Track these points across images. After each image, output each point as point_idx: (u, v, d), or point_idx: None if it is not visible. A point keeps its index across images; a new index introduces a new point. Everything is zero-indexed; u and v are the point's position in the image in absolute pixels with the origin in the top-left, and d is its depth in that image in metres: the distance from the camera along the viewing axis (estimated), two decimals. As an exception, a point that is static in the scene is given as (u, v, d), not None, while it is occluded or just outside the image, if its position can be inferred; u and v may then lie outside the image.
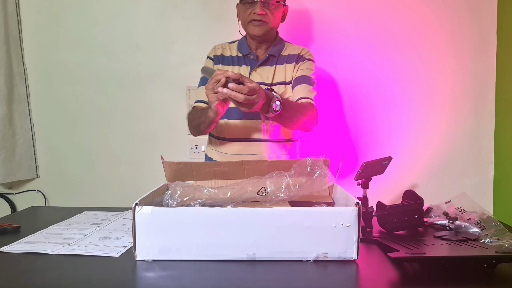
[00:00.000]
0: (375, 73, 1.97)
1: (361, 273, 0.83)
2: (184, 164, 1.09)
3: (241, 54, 1.51)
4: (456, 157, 1.98)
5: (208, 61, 1.55)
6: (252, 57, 1.50)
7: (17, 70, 2.04)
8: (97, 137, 2.08)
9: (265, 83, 1.47)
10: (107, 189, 2.09)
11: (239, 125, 1.48)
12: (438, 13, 1.94)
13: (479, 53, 1.95)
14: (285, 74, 1.49)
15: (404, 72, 1.97)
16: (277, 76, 1.49)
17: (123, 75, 2.05)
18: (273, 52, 1.49)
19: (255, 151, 1.47)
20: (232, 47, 1.55)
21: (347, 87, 1.98)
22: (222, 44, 1.57)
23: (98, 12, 2.04)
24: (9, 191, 2.12)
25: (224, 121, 1.49)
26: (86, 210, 1.34)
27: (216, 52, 1.54)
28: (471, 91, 1.96)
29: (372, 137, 1.99)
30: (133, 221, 0.86)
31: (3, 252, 0.93)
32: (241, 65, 1.51)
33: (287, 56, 1.51)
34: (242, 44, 1.52)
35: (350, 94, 1.99)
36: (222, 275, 0.81)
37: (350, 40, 1.97)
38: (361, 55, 1.96)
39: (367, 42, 1.96)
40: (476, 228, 1.03)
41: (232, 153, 1.48)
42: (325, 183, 1.01)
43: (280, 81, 1.49)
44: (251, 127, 1.47)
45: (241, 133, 1.48)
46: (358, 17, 1.96)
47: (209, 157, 1.58)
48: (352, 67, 1.97)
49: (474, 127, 1.97)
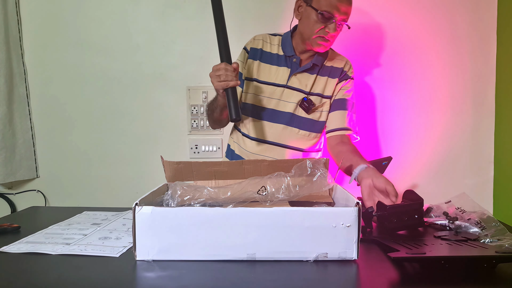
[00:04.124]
0: (374, 73, 1.97)
1: (361, 273, 0.83)
2: (184, 163, 1.09)
3: (284, 54, 1.45)
4: (456, 157, 1.98)
5: (243, 53, 1.49)
6: (295, 60, 1.44)
7: (17, 70, 2.04)
8: (97, 137, 2.08)
9: (303, 90, 1.44)
10: (107, 189, 2.09)
11: (267, 126, 1.46)
12: (438, 13, 1.94)
13: (479, 53, 1.95)
14: (325, 87, 1.45)
15: (404, 72, 1.97)
16: (316, 86, 1.45)
17: (123, 75, 2.05)
18: (317, 62, 1.43)
19: (278, 156, 1.44)
20: (274, 41, 1.48)
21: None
22: (264, 36, 1.49)
23: (98, 12, 2.04)
24: (9, 191, 2.12)
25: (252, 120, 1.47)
26: (86, 210, 1.34)
27: (255, 44, 1.48)
28: (471, 91, 1.96)
29: (372, 137, 1.99)
30: (133, 221, 0.86)
31: (3, 252, 0.93)
32: (281, 65, 1.45)
33: (331, 68, 1.45)
34: (286, 43, 1.45)
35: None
36: (222, 275, 0.81)
37: (350, 40, 1.96)
38: (361, 55, 1.96)
39: (366, 42, 1.96)
40: (476, 228, 1.03)
41: (255, 152, 1.46)
42: (325, 185, 1.01)
43: (319, 92, 1.45)
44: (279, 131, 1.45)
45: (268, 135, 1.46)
46: (358, 17, 1.96)
47: (231, 148, 1.56)
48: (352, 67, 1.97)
49: (474, 127, 1.97)
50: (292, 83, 1.43)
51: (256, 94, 1.46)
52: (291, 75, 1.44)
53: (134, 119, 2.07)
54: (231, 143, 1.57)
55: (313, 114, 1.44)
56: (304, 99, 1.42)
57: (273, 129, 1.46)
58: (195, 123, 2.04)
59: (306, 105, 1.41)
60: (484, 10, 1.93)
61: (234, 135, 1.56)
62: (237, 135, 1.54)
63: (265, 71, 1.47)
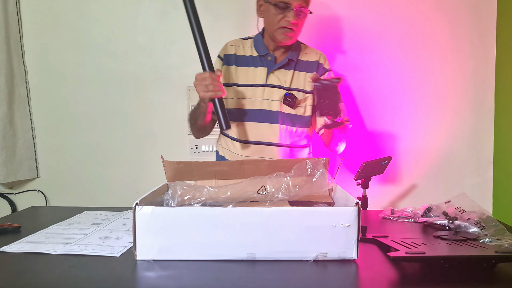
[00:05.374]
0: (374, 73, 1.97)
1: (361, 272, 0.83)
2: (185, 163, 1.09)
3: (258, 54, 1.46)
4: (455, 157, 1.98)
5: (217, 61, 1.49)
6: (270, 58, 1.45)
7: (18, 70, 2.04)
8: (98, 137, 2.08)
9: (282, 86, 1.44)
10: (107, 189, 2.09)
11: (254, 127, 1.46)
12: (437, 13, 1.94)
13: (479, 53, 1.95)
14: (304, 83, 1.45)
15: (403, 72, 1.97)
16: (295, 82, 1.45)
17: (123, 75, 2.05)
18: (292, 57, 1.45)
19: (268, 154, 1.44)
20: (246, 44, 1.49)
21: (346, 88, 1.98)
22: (236, 41, 1.51)
23: (99, 12, 2.04)
24: (9, 191, 2.12)
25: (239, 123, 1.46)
26: (87, 210, 1.35)
27: (228, 51, 1.49)
28: (471, 91, 1.96)
29: (372, 137, 2.00)
30: (133, 221, 0.86)
31: (4, 252, 0.93)
32: (258, 66, 1.46)
33: (306, 62, 1.47)
34: (259, 43, 1.46)
35: (349, 95, 1.99)
36: (222, 275, 0.81)
37: (349, 40, 1.97)
38: (361, 56, 1.96)
39: (366, 43, 1.96)
40: (476, 228, 1.04)
41: (245, 155, 1.45)
42: (324, 185, 1.01)
43: (299, 88, 1.45)
44: (266, 130, 1.45)
45: (255, 136, 1.46)
46: (358, 17, 1.96)
47: (220, 155, 1.55)
48: (352, 68, 1.97)
49: (473, 127, 1.97)
50: (271, 81, 1.44)
51: (239, 98, 1.46)
52: (268, 73, 1.45)
53: (134, 119, 2.07)
54: (220, 150, 1.56)
55: (298, 109, 1.45)
56: (286, 95, 1.42)
57: (261, 129, 1.45)
58: (195, 123, 2.04)
59: (289, 100, 1.42)
60: (484, 10, 1.93)
61: (222, 141, 1.55)
62: (225, 140, 1.53)
63: (242, 74, 1.47)
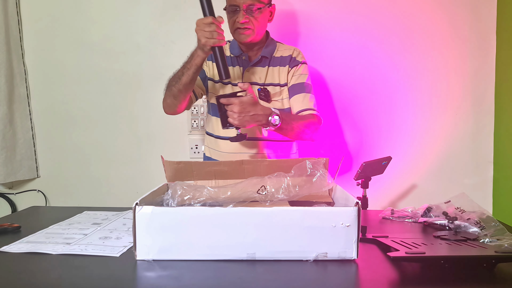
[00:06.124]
0: (374, 74, 1.97)
1: (361, 272, 0.83)
2: (184, 163, 1.09)
3: (233, 55, 1.52)
4: (455, 157, 1.98)
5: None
6: (244, 58, 1.51)
7: (18, 70, 2.04)
8: (98, 137, 2.08)
9: (257, 83, 1.49)
10: (107, 189, 2.09)
11: None
12: (437, 13, 1.94)
13: (479, 53, 1.95)
14: (279, 77, 1.50)
15: (403, 72, 1.97)
16: (270, 77, 1.50)
17: (123, 75, 2.05)
18: (265, 54, 1.50)
19: (252, 149, 1.49)
20: (225, 47, 1.55)
21: (346, 88, 1.98)
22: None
23: (98, 12, 2.04)
24: (9, 191, 2.12)
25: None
26: (87, 210, 1.35)
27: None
28: (471, 91, 1.96)
29: (372, 137, 2.00)
30: (133, 221, 0.86)
31: (4, 252, 0.93)
32: (234, 65, 1.52)
33: (280, 58, 1.52)
34: (234, 45, 1.52)
35: (349, 95, 1.99)
36: (222, 275, 0.81)
37: (349, 40, 1.97)
38: (361, 56, 1.96)
39: (366, 43, 1.96)
40: (476, 228, 1.04)
41: (230, 151, 1.49)
42: (324, 185, 1.01)
43: (274, 82, 1.50)
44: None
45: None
46: (358, 18, 1.96)
47: (207, 156, 1.59)
48: (352, 68, 1.97)
49: (473, 127, 1.97)
50: (246, 78, 1.49)
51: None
52: (243, 72, 1.50)
53: (134, 119, 2.07)
54: (207, 151, 1.60)
55: (275, 103, 1.48)
56: (259, 90, 1.47)
57: None
58: (195, 123, 2.04)
59: (263, 94, 1.47)
60: (484, 10, 1.93)
61: (207, 141, 1.59)
62: (209, 139, 1.57)
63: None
